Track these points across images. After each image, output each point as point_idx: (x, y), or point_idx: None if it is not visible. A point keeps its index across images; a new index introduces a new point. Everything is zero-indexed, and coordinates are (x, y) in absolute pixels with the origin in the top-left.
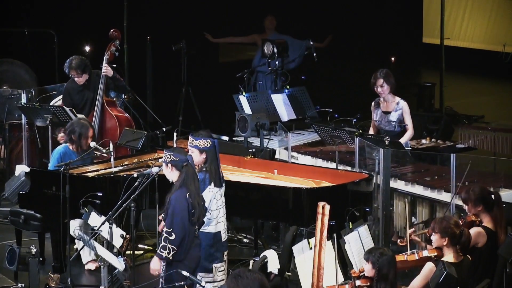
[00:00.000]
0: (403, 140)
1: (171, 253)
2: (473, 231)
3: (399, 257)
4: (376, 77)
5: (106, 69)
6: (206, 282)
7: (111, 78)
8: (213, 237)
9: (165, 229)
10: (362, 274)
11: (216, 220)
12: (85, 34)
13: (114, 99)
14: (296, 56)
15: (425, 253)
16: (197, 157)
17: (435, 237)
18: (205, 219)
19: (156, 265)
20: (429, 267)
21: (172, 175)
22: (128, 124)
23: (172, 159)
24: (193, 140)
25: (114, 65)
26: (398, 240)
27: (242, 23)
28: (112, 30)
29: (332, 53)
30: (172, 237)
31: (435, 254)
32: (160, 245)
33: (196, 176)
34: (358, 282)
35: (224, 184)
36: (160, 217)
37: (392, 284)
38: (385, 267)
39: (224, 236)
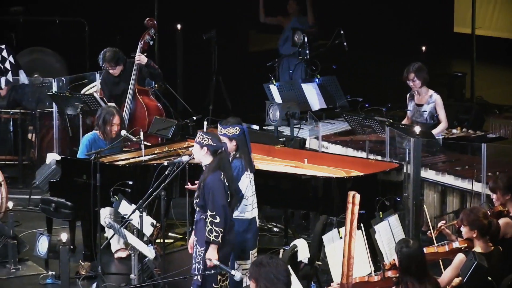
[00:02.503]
0: (435, 131)
1: (220, 236)
2: (502, 221)
3: (430, 249)
4: (408, 71)
5: (139, 58)
6: (243, 269)
7: (145, 66)
8: (249, 223)
9: (209, 213)
10: (393, 265)
11: (251, 206)
12: (116, 23)
13: (147, 88)
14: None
15: (455, 245)
16: (228, 145)
17: (464, 230)
18: (241, 206)
19: (210, 253)
20: (459, 258)
21: (204, 158)
22: (158, 113)
23: (209, 143)
24: (221, 129)
25: (145, 54)
26: (428, 232)
27: (271, 8)
28: (147, 19)
29: (363, 42)
30: (217, 220)
31: (466, 245)
32: (207, 230)
33: (230, 164)
34: (388, 273)
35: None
36: (196, 200)
37: (418, 276)
38: (405, 260)
39: (257, 222)
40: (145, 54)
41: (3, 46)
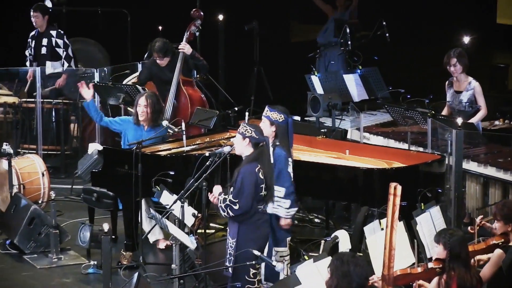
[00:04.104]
0: (474, 119)
1: (226, 212)
2: None
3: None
4: (450, 56)
5: (184, 47)
6: (280, 256)
7: (191, 57)
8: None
9: (230, 198)
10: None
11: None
12: (158, 13)
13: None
14: None
15: (492, 241)
16: (267, 128)
17: (498, 224)
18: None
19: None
20: (497, 253)
21: (245, 149)
22: (201, 104)
23: (251, 135)
24: (267, 110)
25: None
26: (469, 228)
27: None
28: (194, 10)
29: (405, 33)
30: (236, 207)
31: (502, 240)
32: (220, 204)
33: (269, 158)
34: (430, 265)
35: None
36: (231, 189)
37: (465, 263)
38: (457, 247)
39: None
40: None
41: (54, 33)
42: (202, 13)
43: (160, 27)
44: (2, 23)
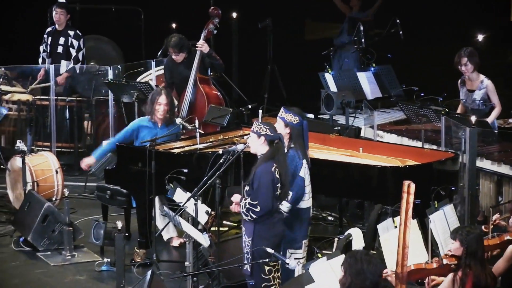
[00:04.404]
0: (490, 118)
1: (249, 218)
2: None
3: None
4: (460, 55)
5: (201, 45)
6: (295, 258)
7: (207, 56)
8: (303, 213)
9: (249, 201)
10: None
11: (308, 195)
12: (171, 11)
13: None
14: None
15: (506, 237)
16: (281, 130)
17: None
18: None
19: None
20: (511, 249)
21: (261, 148)
22: (218, 102)
23: (267, 133)
24: (282, 112)
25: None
26: (483, 226)
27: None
28: (212, 8)
29: (418, 31)
30: (257, 209)
31: None
32: (243, 210)
33: (285, 155)
34: (445, 261)
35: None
36: (246, 187)
37: (481, 261)
38: (474, 244)
39: (311, 212)
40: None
41: (72, 33)
42: (220, 11)
43: (174, 25)
44: (17, 21)
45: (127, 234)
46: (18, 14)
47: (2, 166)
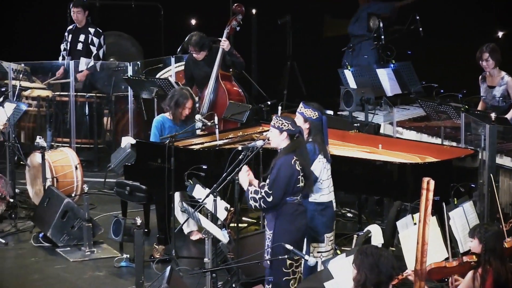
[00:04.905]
0: (510, 115)
1: (254, 205)
2: None
3: None
4: (482, 51)
5: (224, 42)
6: (318, 252)
7: (228, 54)
8: (325, 207)
9: (266, 189)
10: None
11: (328, 189)
12: (191, 7)
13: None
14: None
15: None
16: (300, 125)
17: None
18: (315, 189)
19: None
20: None
21: (283, 143)
22: (239, 98)
23: (289, 128)
24: (302, 107)
25: (219, 39)
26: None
27: None
28: (235, 5)
29: (438, 28)
30: (270, 199)
31: None
32: (253, 195)
33: (306, 149)
34: (465, 258)
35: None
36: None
37: (501, 257)
38: (492, 241)
39: (334, 206)
40: (219, 39)
41: (92, 30)
42: (243, 8)
43: (193, 21)
44: (37, 17)
45: (146, 230)
46: (40, 11)
47: (22, 162)
